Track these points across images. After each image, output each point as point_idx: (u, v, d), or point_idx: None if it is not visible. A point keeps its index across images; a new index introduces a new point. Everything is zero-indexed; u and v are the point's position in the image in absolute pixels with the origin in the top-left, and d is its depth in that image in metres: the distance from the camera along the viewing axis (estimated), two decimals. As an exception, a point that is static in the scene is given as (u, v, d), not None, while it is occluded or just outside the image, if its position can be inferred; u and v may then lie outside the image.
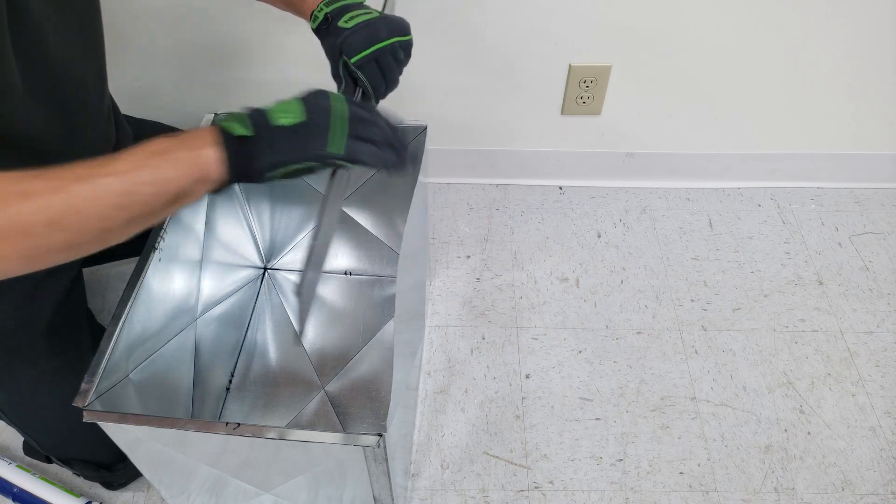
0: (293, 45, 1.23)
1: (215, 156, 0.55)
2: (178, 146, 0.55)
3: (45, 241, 0.50)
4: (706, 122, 1.38)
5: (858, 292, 1.31)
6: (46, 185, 0.50)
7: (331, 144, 0.58)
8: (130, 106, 0.97)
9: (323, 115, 0.58)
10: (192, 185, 0.55)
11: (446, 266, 1.35)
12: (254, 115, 0.57)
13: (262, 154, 0.56)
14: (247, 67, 1.27)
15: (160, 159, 0.54)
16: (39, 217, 0.49)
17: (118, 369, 0.75)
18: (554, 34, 1.22)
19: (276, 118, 0.57)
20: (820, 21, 1.21)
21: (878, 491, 1.05)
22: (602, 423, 1.13)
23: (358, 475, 0.73)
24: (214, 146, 0.55)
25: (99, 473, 1.00)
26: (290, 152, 0.57)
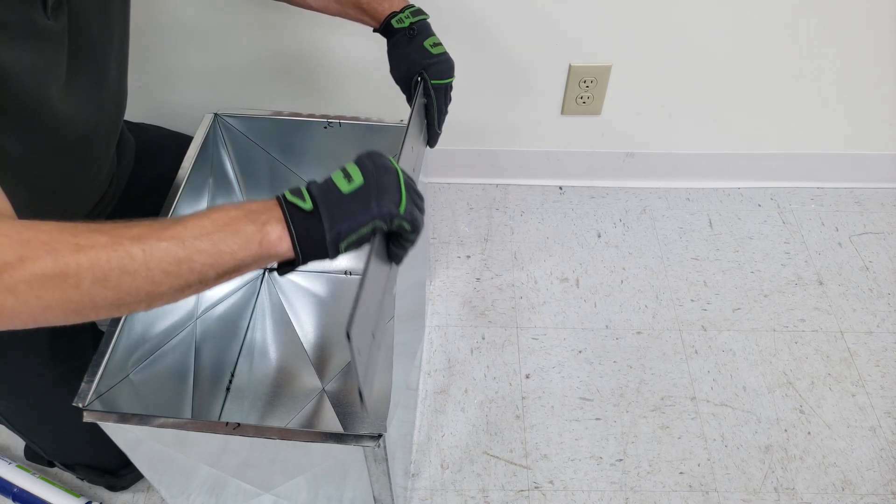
0: (294, 46, 1.23)
1: (280, 233, 0.52)
2: (243, 219, 0.52)
3: (90, 297, 0.48)
4: (706, 122, 1.38)
5: (858, 292, 1.31)
6: (102, 241, 0.48)
7: (401, 204, 0.55)
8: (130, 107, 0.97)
9: (389, 175, 0.56)
10: (251, 261, 0.53)
11: (446, 266, 1.35)
12: (315, 186, 0.54)
13: (331, 225, 0.53)
14: (247, 67, 1.27)
15: (223, 231, 0.51)
16: (89, 272, 0.47)
17: (118, 370, 0.75)
18: (554, 34, 1.22)
19: (339, 185, 0.54)
20: (820, 21, 1.21)
21: (878, 491, 1.05)
22: (602, 423, 1.13)
23: (358, 475, 0.73)
24: (280, 223, 0.52)
25: (104, 478, 1.00)
26: (359, 214, 0.54)
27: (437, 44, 0.86)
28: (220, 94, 1.31)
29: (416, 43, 0.85)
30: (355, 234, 0.54)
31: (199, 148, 0.94)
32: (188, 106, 1.32)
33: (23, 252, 0.46)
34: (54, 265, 0.46)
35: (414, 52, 0.85)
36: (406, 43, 0.85)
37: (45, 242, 0.47)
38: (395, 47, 0.86)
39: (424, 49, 0.84)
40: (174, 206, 0.87)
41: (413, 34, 0.85)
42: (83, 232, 0.48)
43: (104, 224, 0.50)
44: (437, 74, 0.85)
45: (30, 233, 0.47)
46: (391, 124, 0.99)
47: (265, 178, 1.09)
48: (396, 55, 0.86)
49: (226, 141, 1.02)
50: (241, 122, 1.00)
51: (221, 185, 1.04)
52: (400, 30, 0.85)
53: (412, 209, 0.56)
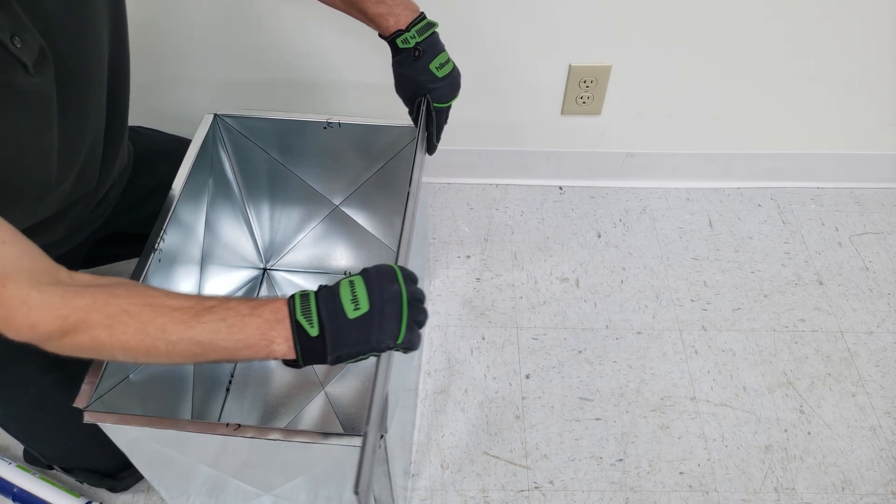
0: (294, 46, 1.23)
1: (286, 350, 0.58)
2: (255, 331, 0.58)
3: (109, 355, 0.59)
4: (706, 122, 1.38)
5: (858, 292, 1.31)
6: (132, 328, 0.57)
7: (399, 336, 0.60)
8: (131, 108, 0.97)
9: (393, 305, 0.59)
10: (258, 359, 0.60)
11: (446, 266, 1.35)
12: (324, 307, 0.58)
13: (333, 349, 0.58)
14: (247, 68, 1.27)
15: (235, 338, 0.57)
16: (120, 351, 0.57)
17: (118, 370, 0.75)
18: (554, 34, 1.22)
19: (346, 309, 0.58)
20: (820, 21, 1.21)
21: (878, 491, 1.05)
22: (602, 423, 1.13)
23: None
24: (287, 342, 0.58)
25: (103, 481, 1.00)
26: (359, 344, 0.59)
27: (443, 63, 0.84)
28: (220, 95, 1.31)
29: (421, 64, 0.83)
30: (353, 358, 0.60)
31: (198, 149, 0.94)
32: (188, 106, 1.32)
33: (63, 326, 0.55)
34: (91, 342, 0.56)
35: (418, 73, 0.83)
36: (410, 63, 0.83)
37: (81, 320, 0.56)
38: (400, 66, 0.85)
39: (429, 72, 0.83)
40: (174, 207, 0.87)
41: (419, 55, 0.82)
42: (116, 314, 0.57)
43: (132, 304, 0.57)
44: (440, 98, 0.84)
45: (67, 310, 0.55)
46: (391, 124, 0.99)
47: (265, 179, 1.09)
48: (401, 74, 0.85)
49: (225, 141, 1.02)
50: (241, 123, 1.00)
51: (221, 186, 1.04)
52: (405, 49, 0.82)
53: (410, 337, 0.60)
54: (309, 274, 1.23)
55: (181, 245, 0.90)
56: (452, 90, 0.86)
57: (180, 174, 0.90)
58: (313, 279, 1.23)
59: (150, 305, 0.58)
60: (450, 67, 0.85)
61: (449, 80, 0.85)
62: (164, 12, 1.19)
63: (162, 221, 0.85)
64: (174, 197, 0.88)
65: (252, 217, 1.15)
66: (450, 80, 0.85)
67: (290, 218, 1.16)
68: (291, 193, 1.11)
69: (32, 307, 0.55)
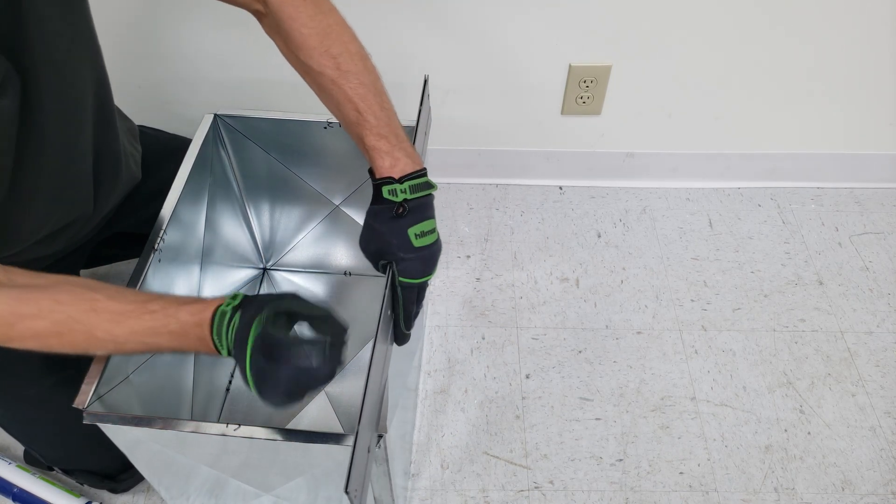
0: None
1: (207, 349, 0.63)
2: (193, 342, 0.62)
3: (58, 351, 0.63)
4: (706, 122, 1.38)
5: (858, 292, 1.31)
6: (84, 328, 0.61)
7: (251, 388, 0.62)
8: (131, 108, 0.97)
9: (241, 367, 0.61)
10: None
11: (446, 266, 1.35)
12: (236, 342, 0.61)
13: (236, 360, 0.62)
14: (247, 68, 1.27)
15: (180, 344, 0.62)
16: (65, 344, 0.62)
17: (118, 371, 0.75)
18: (554, 34, 1.22)
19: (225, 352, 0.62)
20: (820, 21, 1.21)
21: (878, 491, 1.05)
22: (602, 423, 1.13)
23: (358, 476, 0.72)
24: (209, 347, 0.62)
25: (103, 483, 1.00)
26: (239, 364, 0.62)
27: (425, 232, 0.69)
28: (220, 95, 1.31)
29: (400, 226, 0.68)
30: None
31: (198, 148, 0.94)
32: (188, 106, 1.32)
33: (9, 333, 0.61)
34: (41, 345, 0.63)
35: (393, 235, 0.68)
36: (388, 219, 0.68)
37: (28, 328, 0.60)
38: (374, 217, 0.69)
39: (406, 237, 0.68)
40: (174, 207, 0.86)
41: (402, 213, 0.68)
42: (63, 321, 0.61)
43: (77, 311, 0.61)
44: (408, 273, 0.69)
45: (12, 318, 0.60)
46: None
47: (265, 179, 1.09)
48: (371, 227, 0.70)
49: (225, 141, 1.02)
50: (241, 123, 1.00)
51: (221, 186, 1.04)
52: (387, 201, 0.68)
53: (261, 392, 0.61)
54: (309, 274, 1.23)
55: (181, 245, 0.90)
56: (424, 266, 0.70)
57: (180, 174, 0.90)
58: (313, 279, 1.23)
59: (94, 311, 0.61)
60: (431, 239, 0.70)
61: (424, 254, 0.69)
62: (164, 12, 1.19)
63: (162, 221, 0.85)
64: (174, 197, 0.87)
65: (252, 217, 1.15)
66: (425, 253, 0.69)
67: (290, 218, 1.16)
68: (291, 193, 1.11)
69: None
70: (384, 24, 1.20)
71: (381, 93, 0.73)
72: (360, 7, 1.18)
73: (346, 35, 0.75)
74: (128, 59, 1.25)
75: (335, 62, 0.72)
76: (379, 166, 0.69)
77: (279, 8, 0.72)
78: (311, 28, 0.72)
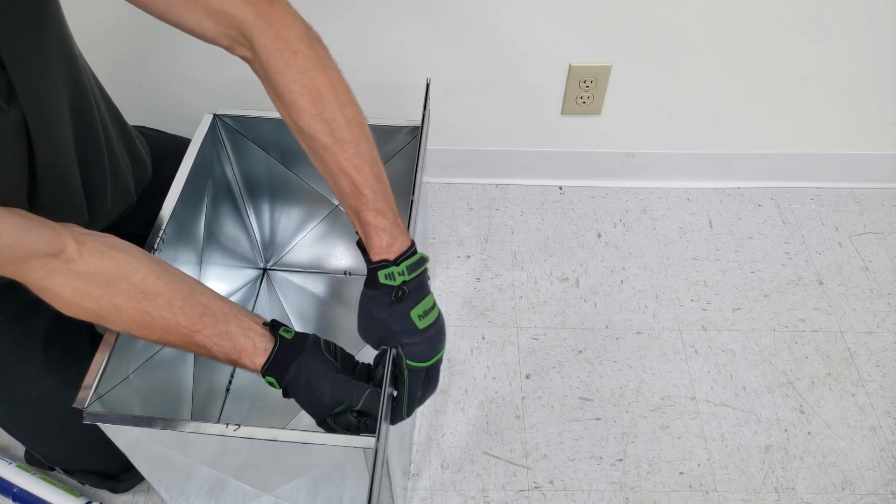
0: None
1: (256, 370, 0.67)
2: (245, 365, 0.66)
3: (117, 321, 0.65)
4: (706, 122, 1.38)
5: (858, 292, 1.31)
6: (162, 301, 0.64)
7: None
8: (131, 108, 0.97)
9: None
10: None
11: (446, 266, 1.35)
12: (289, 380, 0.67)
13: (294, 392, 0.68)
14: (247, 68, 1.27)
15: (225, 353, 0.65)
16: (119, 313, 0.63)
17: (118, 371, 0.75)
18: (554, 34, 1.22)
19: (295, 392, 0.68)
20: (820, 21, 1.21)
21: (878, 491, 1.05)
22: (602, 423, 1.13)
23: (358, 476, 0.73)
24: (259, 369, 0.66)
25: (104, 483, 1.00)
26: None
27: (427, 311, 0.66)
28: (220, 95, 1.31)
29: (402, 309, 0.65)
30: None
31: (198, 148, 0.94)
32: (188, 106, 1.32)
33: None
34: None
35: (395, 321, 0.65)
36: (387, 304, 0.65)
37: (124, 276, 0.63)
38: (372, 304, 0.66)
39: (409, 321, 0.65)
40: (174, 208, 0.86)
41: (402, 296, 0.65)
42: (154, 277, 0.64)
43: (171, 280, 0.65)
44: (416, 356, 0.65)
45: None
46: (390, 124, 0.98)
47: (265, 179, 1.09)
48: (370, 315, 0.66)
49: (225, 141, 1.02)
50: (241, 123, 1.00)
51: (221, 186, 1.04)
52: (384, 286, 0.65)
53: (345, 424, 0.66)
54: (309, 274, 1.23)
55: (181, 245, 0.90)
56: (432, 347, 0.66)
57: (180, 174, 0.90)
58: (313, 279, 1.23)
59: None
60: (433, 316, 0.66)
61: (431, 333, 0.66)
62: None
63: (161, 221, 0.85)
64: (174, 197, 0.87)
65: (252, 217, 1.15)
66: (431, 332, 0.66)
67: (289, 218, 1.16)
68: (291, 193, 1.11)
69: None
70: (384, 25, 1.20)
71: (376, 163, 0.68)
72: (360, 8, 1.18)
73: (341, 97, 0.68)
74: (128, 59, 1.25)
75: (328, 128, 0.66)
76: (376, 245, 0.65)
77: (267, 59, 0.66)
78: (301, 87, 0.66)
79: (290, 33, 0.66)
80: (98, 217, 0.83)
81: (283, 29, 0.66)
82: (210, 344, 0.64)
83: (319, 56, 0.68)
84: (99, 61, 0.90)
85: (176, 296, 0.64)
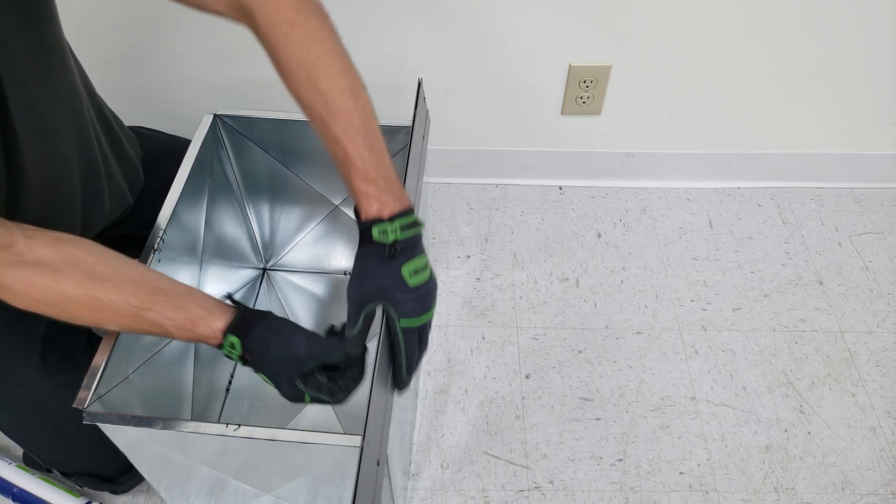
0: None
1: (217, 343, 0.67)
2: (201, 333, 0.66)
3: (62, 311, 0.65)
4: (706, 122, 1.38)
5: (858, 292, 1.31)
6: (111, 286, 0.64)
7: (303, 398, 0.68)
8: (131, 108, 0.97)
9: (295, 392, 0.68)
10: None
11: (446, 266, 1.35)
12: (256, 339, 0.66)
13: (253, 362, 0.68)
14: (248, 67, 1.27)
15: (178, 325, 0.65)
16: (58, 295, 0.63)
17: (118, 371, 0.75)
18: (554, 34, 1.22)
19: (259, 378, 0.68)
20: (820, 21, 1.21)
21: (878, 491, 1.05)
22: (602, 423, 1.13)
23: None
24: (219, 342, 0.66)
25: (102, 486, 1.00)
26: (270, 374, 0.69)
27: (419, 270, 0.67)
28: (220, 95, 1.31)
29: (394, 266, 0.66)
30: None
31: (198, 149, 0.94)
32: (188, 106, 1.32)
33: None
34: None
35: (387, 276, 0.66)
36: (379, 261, 0.66)
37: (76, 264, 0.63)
38: (366, 260, 0.67)
39: (400, 277, 0.66)
40: (174, 207, 0.86)
41: (394, 253, 0.66)
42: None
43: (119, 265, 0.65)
44: (407, 313, 0.67)
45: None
46: (390, 124, 0.98)
47: (264, 179, 1.09)
48: (363, 272, 0.67)
49: (225, 141, 1.02)
50: (241, 123, 1.00)
51: (221, 186, 1.04)
52: (377, 244, 0.66)
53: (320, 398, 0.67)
54: (308, 274, 1.23)
55: (181, 245, 0.90)
56: (422, 305, 0.68)
57: (180, 174, 0.90)
58: (313, 279, 1.23)
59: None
60: (425, 276, 0.68)
61: (421, 293, 0.67)
62: (164, 12, 1.19)
63: (161, 222, 0.84)
64: (174, 197, 0.87)
65: (252, 217, 1.15)
66: (422, 291, 0.68)
67: (289, 218, 1.16)
68: (291, 193, 1.11)
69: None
70: (384, 25, 1.20)
71: (370, 132, 0.69)
72: (360, 7, 1.18)
73: (336, 68, 0.70)
74: (128, 59, 1.25)
75: (323, 98, 0.68)
76: (366, 210, 0.67)
77: (267, 32, 0.67)
78: (298, 58, 0.67)
79: (288, 6, 0.67)
80: (95, 220, 0.82)
81: (281, 2, 0.67)
82: (162, 319, 0.64)
83: (316, 28, 0.69)
84: (98, 61, 0.90)
85: (125, 279, 0.65)
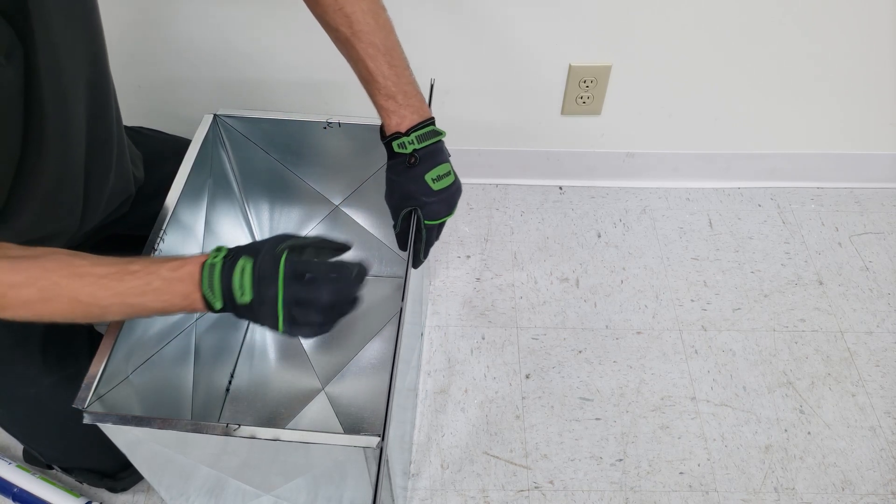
0: (294, 46, 1.23)
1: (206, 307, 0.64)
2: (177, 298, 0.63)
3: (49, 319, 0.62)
4: (706, 122, 1.38)
5: (858, 292, 1.31)
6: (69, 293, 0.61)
7: (279, 327, 0.64)
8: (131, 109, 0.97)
9: (270, 307, 0.63)
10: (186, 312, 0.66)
11: (446, 266, 1.35)
12: (225, 287, 0.63)
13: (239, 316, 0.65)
14: (247, 68, 1.27)
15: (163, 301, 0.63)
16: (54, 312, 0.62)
17: (118, 371, 0.75)
18: (554, 34, 1.22)
19: (236, 295, 0.63)
20: (820, 21, 1.21)
21: (878, 491, 1.05)
22: (602, 423, 1.13)
23: (358, 476, 0.73)
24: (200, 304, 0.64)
25: (103, 482, 1.00)
26: (254, 321, 0.65)
27: (441, 176, 0.76)
28: (220, 95, 1.31)
29: (416, 173, 0.75)
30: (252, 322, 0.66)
31: (198, 149, 0.94)
32: (188, 106, 1.32)
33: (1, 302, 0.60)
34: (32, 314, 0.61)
35: (411, 183, 0.75)
36: (404, 170, 0.76)
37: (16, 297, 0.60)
38: (392, 172, 0.77)
39: (424, 183, 0.75)
40: (174, 207, 0.86)
41: (415, 163, 0.75)
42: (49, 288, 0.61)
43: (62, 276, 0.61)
44: (431, 215, 0.77)
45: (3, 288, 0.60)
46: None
47: (265, 179, 1.09)
48: (392, 181, 0.78)
49: (225, 141, 1.02)
50: (241, 123, 1.00)
51: (221, 186, 1.04)
52: (400, 154, 0.75)
53: (291, 329, 0.64)
54: (309, 274, 1.23)
55: (181, 245, 0.90)
56: (446, 207, 0.77)
57: (180, 174, 0.90)
58: (313, 279, 1.23)
59: (78, 276, 0.61)
60: (448, 181, 0.77)
61: (444, 196, 0.76)
62: (164, 12, 1.19)
63: (162, 222, 0.85)
64: (174, 197, 0.87)
65: (252, 217, 1.15)
66: (445, 195, 0.77)
67: (289, 218, 1.16)
68: (291, 193, 1.11)
69: None
70: (384, 24, 1.20)
71: (391, 50, 0.76)
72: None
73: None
74: (127, 59, 1.25)
75: (348, 21, 0.75)
76: (387, 125, 0.75)
77: None
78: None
79: None
80: (94, 203, 0.80)
81: None
82: (141, 270, 0.63)
83: None
84: (99, 61, 0.90)
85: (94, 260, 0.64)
